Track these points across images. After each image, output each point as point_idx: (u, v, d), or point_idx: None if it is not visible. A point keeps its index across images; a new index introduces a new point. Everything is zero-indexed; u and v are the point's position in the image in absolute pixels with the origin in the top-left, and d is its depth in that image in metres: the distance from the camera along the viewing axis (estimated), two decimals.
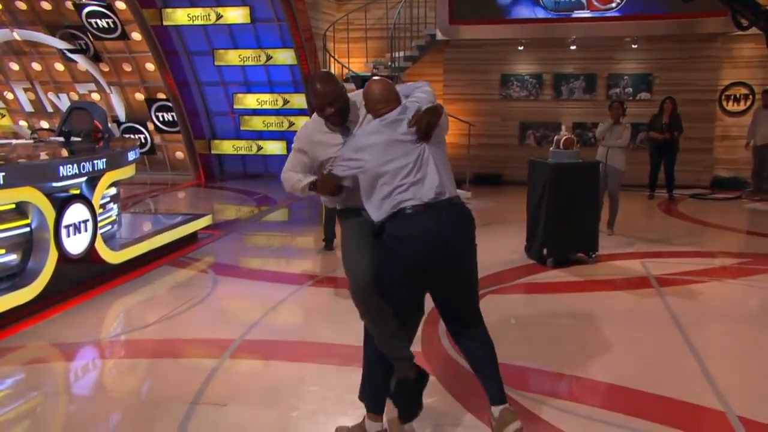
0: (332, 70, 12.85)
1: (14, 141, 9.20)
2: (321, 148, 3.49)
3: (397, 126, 3.32)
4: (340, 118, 3.43)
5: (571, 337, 5.20)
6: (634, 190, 11.22)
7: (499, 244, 7.94)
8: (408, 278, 3.28)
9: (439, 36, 12.59)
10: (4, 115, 13.98)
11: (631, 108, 12.13)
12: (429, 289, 3.44)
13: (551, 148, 7.46)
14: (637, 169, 11.43)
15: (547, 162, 7.25)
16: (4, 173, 5.24)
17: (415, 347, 4.75)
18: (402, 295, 3.33)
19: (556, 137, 7.48)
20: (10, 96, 14.38)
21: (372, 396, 3.55)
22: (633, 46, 12.68)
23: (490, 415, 3.46)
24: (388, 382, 3.49)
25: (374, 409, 3.51)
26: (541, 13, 12.16)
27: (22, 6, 12.89)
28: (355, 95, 3.56)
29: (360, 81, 10.93)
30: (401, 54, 12.50)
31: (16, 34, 13.33)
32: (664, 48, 12.58)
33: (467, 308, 3.52)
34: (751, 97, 12.61)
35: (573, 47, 12.82)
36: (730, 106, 12.85)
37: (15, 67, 13.95)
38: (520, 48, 13.08)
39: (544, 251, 7.18)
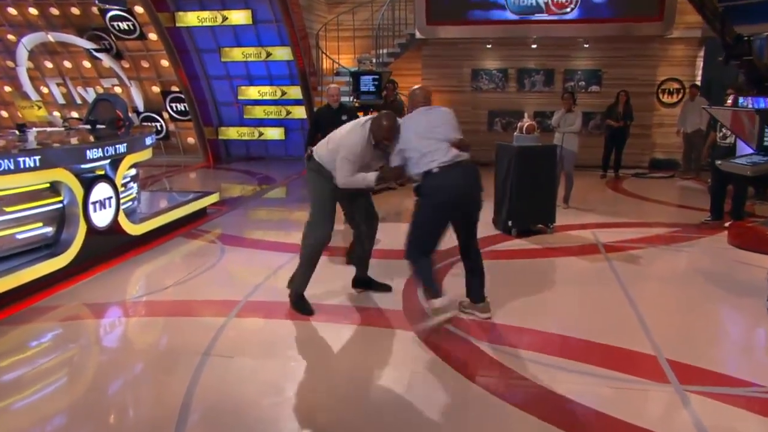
0: (323, 66, 12.81)
1: (49, 129, 9.09)
2: (367, 161, 4.47)
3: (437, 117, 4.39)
4: (390, 149, 4.42)
5: (531, 296, 5.25)
6: (586, 170, 11.29)
7: None
8: (439, 214, 4.24)
9: (418, 35, 12.53)
10: (41, 107, 13.82)
11: (584, 99, 12.25)
12: (455, 218, 4.36)
13: (515, 133, 7.44)
14: (590, 151, 11.52)
15: (512, 145, 7.24)
16: (40, 156, 5.21)
17: (396, 306, 4.86)
18: (435, 225, 4.26)
19: (519, 124, 7.46)
20: (45, 90, 14.26)
21: (431, 286, 4.23)
22: (585, 45, 12.68)
23: (471, 307, 4.65)
24: (432, 271, 4.29)
25: (436, 294, 4.19)
26: (506, 15, 12.13)
27: (55, 12, 12.79)
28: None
29: (356, 76, 10.78)
30: (385, 51, 12.47)
31: (50, 36, 13.24)
32: (611, 47, 12.60)
33: (472, 240, 4.55)
34: (682, 90, 12.71)
35: (534, 46, 12.81)
36: (665, 99, 12.95)
37: (49, 65, 13.80)
38: (488, 46, 13.05)
39: (509, 223, 7.22)
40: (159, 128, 13.84)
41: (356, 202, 4.93)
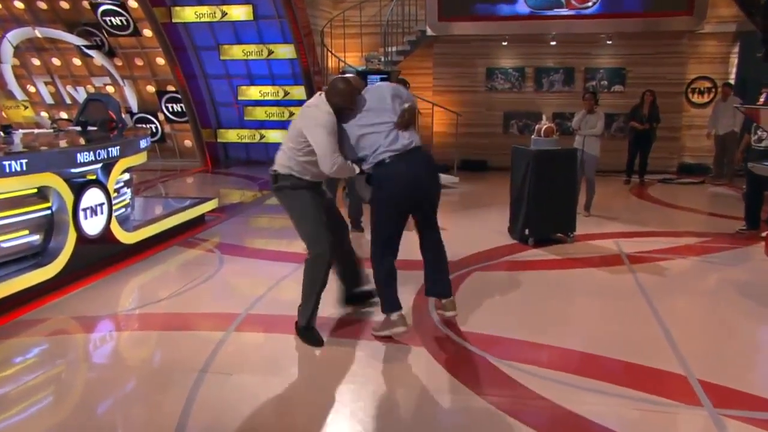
0: (329, 64, 12.85)
1: (36, 130, 9.15)
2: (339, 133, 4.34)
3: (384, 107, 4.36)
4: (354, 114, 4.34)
5: (549, 310, 5.22)
6: (609, 175, 11.26)
7: (485, 226, 7.96)
8: (391, 207, 4.33)
9: (429, 32, 12.57)
10: (27, 107, 13.93)
11: (606, 99, 12.21)
12: (409, 210, 4.43)
13: (533, 136, 7.43)
14: (613, 155, 11.49)
15: (529, 149, 7.23)
16: (26, 160, 5.22)
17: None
18: (389, 218, 4.35)
19: (537, 126, 7.46)
20: (32, 89, 14.35)
21: (385, 300, 4.44)
22: (608, 42, 12.66)
23: (441, 304, 4.60)
24: (394, 288, 4.43)
25: (391, 308, 4.40)
26: (523, 10, 12.13)
27: (43, 6, 12.88)
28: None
29: (363, 76, 10.81)
30: (394, 49, 12.50)
31: (38, 32, 13.32)
32: (636, 44, 12.57)
33: (431, 220, 4.56)
34: (714, 90, 12.66)
35: (553, 43, 12.80)
36: (696, 98, 12.91)
37: (36, 62, 13.90)
38: (504, 43, 13.04)
39: (526, 232, 7.19)
40: (154, 130, 13.90)
41: (327, 210, 4.68)
